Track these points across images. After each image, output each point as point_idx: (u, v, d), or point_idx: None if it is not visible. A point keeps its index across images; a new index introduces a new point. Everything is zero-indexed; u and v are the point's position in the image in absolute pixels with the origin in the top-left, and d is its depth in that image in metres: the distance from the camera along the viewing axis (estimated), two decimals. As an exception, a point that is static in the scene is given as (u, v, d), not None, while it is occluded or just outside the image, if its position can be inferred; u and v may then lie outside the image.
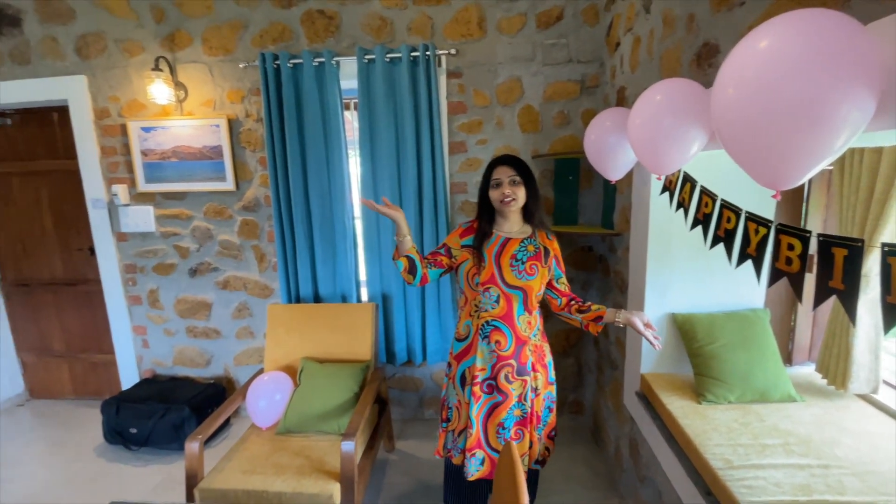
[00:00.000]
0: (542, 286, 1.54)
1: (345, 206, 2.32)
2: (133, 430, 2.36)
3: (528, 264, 1.50)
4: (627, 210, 1.92)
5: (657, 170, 1.18)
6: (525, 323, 1.52)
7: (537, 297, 1.54)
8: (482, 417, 1.54)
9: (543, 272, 1.53)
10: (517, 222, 1.57)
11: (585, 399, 2.58)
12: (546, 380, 1.60)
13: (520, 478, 1.03)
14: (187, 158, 2.44)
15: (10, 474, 2.27)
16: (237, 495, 1.59)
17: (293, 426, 1.90)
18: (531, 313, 1.54)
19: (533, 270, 1.51)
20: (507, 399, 1.51)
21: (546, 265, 1.54)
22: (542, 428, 1.61)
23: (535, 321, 1.57)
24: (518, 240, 1.53)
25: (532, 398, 1.54)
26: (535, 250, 1.53)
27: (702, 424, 1.42)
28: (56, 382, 3.00)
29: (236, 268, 2.58)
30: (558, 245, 1.62)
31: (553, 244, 1.59)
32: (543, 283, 1.54)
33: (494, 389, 1.52)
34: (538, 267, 1.51)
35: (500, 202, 1.50)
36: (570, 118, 2.27)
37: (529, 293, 1.50)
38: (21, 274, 2.86)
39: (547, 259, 1.54)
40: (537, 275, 1.51)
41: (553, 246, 1.59)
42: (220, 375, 2.73)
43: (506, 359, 1.51)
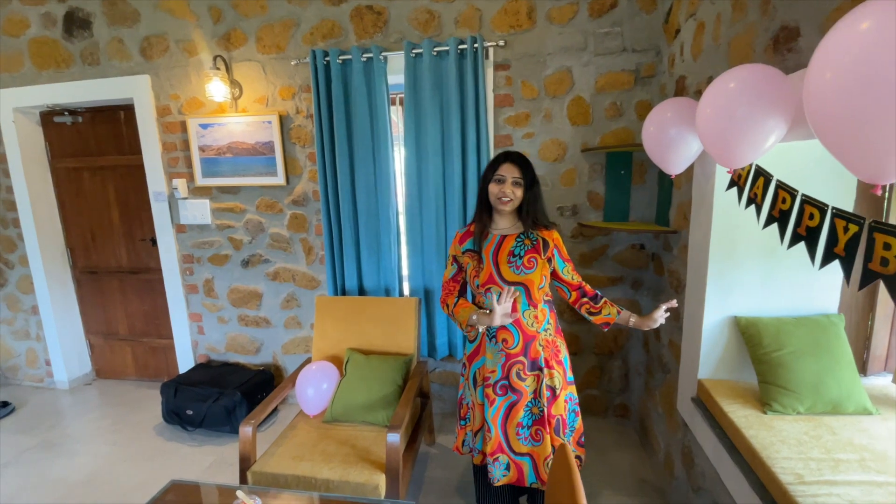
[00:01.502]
0: (542, 278, 1.51)
1: (389, 200, 2.33)
2: (189, 411, 2.49)
3: (527, 258, 1.49)
4: (686, 206, 1.82)
5: (728, 163, 1.10)
6: (531, 318, 1.51)
7: (540, 290, 1.51)
8: (500, 420, 1.53)
9: (543, 264, 1.51)
10: (511, 218, 1.56)
11: (632, 403, 2.49)
12: (564, 378, 1.55)
13: (576, 479, 1.00)
14: (241, 154, 2.53)
15: (78, 449, 2.46)
16: (287, 480, 1.64)
17: (339, 415, 1.94)
18: (536, 307, 1.51)
19: (532, 263, 1.49)
20: (522, 397, 1.51)
21: (545, 256, 1.51)
22: (570, 433, 1.56)
23: (544, 315, 1.53)
24: (514, 235, 1.53)
25: (548, 397, 1.50)
26: (532, 243, 1.51)
27: (768, 436, 1.33)
28: (120, 364, 3.21)
29: (286, 260, 2.66)
30: (559, 234, 1.58)
31: (552, 234, 1.55)
32: (545, 274, 1.52)
33: (508, 390, 1.52)
34: (537, 259, 1.49)
35: (497, 199, 1.49)
36: (622, 110, 2.18)
37: (531, 287, 1.49)
38: (90, 262, 3.07)
39: (546, 250, 1.52)
40: (536, 267, 1.49)
41: (552, 236, 1.55)
42: (269, 363, 2.84)
43: (515, 356, 1.50)
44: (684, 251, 1.83)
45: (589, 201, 2.29)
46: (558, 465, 1.09)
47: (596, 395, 2.51)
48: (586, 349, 2.45)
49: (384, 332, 2.18)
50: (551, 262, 1.55)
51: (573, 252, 2.34)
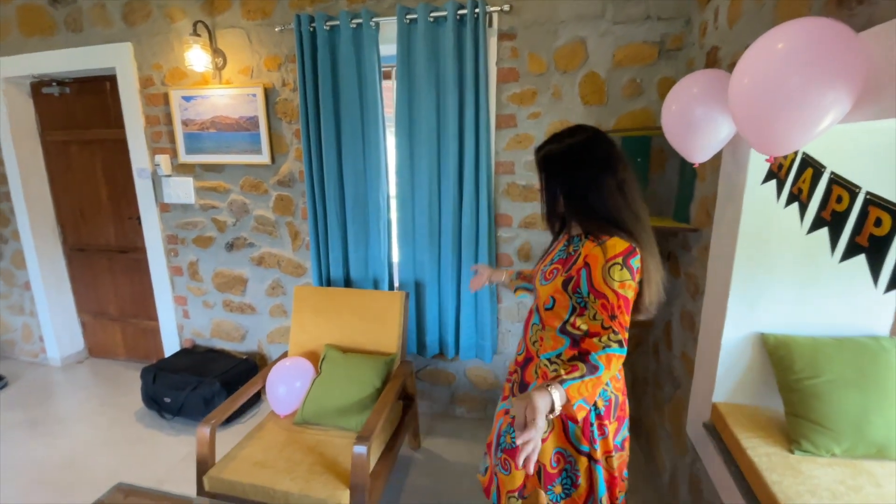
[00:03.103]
0: (550, 298, 1.15)
1: (379, 184, 2.13)
2: (167, 399, 2.39)
3: (553, 267, 1.18)
4: (710, 201, 1.56)
5: (768, 149, 0.85)
6: (536, 335, 1.22)
7: (547, 310, 1.16)
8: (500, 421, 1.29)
9: (558, 282, 1.13)
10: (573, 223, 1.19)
11: (639, 413, 2.26)
12: (560, 431, 1.16)
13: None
14: (225, 129, 2.36)
15: (60, 430, 2.39)
16: (245, 489, 1.50)
17: (310, 418, 1.79)
18: (544, 328, 1.19)
19: (551, 275, 1.16)
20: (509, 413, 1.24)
21: (566, 273, 1.11)
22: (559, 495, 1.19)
23: (553, 343, 1.16)
24: (568, 236, 1.20)
25: None
26: (569, 253, 1.15)
27: (794, 482, 1.11)
28: (111, 343, 3.15)
29: (271, 244, 2.51)
30: (611, 250, 1.03)
31: (595, 247, 1.06)
32: (557, 297, 1.14)
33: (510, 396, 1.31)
34: (558, 272, 1.14)
35: None
36: (642, 88, 1.91)
37: (540, 302, 1.20)
38: (80, 239, 2.99)
39: (572, 267, 1.10)
40: (551, 282, 1.15)
41: (593, 251, 1.06)
42: (255, 351, 2.71)
43: (517, 366, 1.30)
44: (705, 253, 1.58)
45: (600, 191, 2.04)
46: (528, 515, 0.89)
47: (599, 404, 2.29)
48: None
49: (366, 329, 2.01)
50: (573, 283, 1.10)
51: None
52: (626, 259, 1.03)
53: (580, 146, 1.11)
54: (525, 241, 2.15)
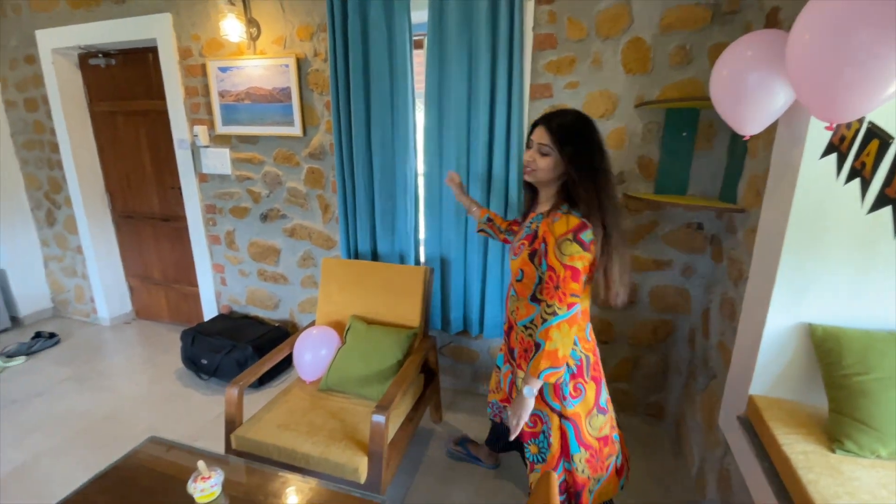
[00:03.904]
0: (519, 271, 1.30)
1: (407, 157, 2.10)
2: (204, 360, 2.51)
3: (520, 243, 1.31)
4: (761, 179, 1.44)
5: (830, 114, 0.75)
6: (514, 305, 1.37)
7: (518, 282, 1.31)
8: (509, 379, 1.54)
9: (524, 255, 1.27)
10: (546, 196, 1.31)
11: (668, 404, 2.18)
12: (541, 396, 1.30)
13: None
14: (259, 101, 2.38)
15: (105, 385, 2.58)
16: (268, 449, 1.56)
17: (334, 385, 1.83)
18: (519, 298, 1.34)
19: (519, 250, 1.30)
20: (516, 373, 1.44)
21: (531, 247, 1.26)
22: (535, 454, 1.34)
23: (527, 310, 1.32)
24: (534, 214, 1.33)
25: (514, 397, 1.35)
26: (534, 231, 1.27)
27: (833, 482, 1.03)
28: (156, 306, 3.34)
29: (303, 217, 2.54)
30: (564, 226, 1.15)
31: (551, 224, 1.18)
32: (524, 268, 1.28)
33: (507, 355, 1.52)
34: (524, 248, 1.28)
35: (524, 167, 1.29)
36: (692, 55, 1.76)
37: (512, 275, 1.36)
38: (127, 206, 3.14)
39: (535, 241, 1.25)
40: (518, 257, 1.30)
41: (549, 227, 1.18)
42: (286, 319, 2.80)
43: (505, 332, 1.48)
44: (752, 235, 1.46)
45: (639, 168, 1.93)
46: (540, 493, 0.87)
47: (626, 389, 2.22)
48: (619, 339, 2.15)
49: (390, 302, 2.01)
50: (537, 256, 1.23)
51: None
52: (577, 234, 1.14)
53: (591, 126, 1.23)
54: (556, 220, 2.08)
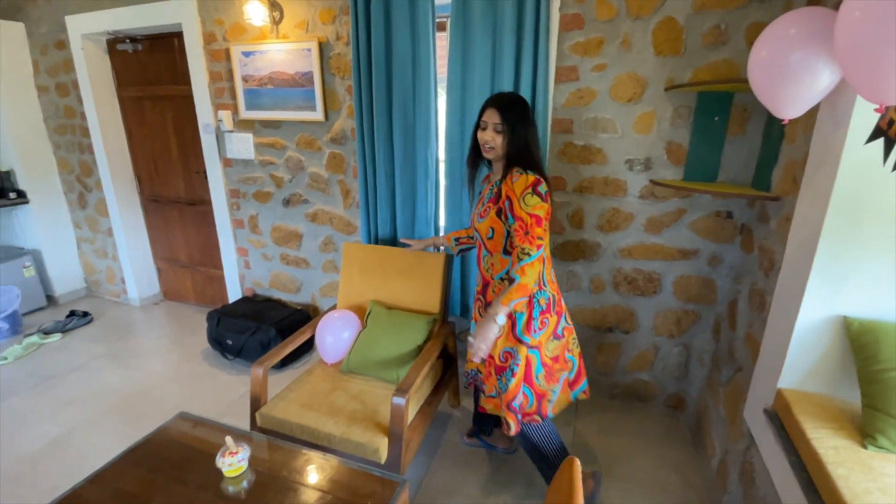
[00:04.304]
0: (489, 229, 1.48)
1: (429, 142, 2.08)
2: (229, 341, 2.58)
3: (486, 206, 1.50)
4: (798, 165, 1.38)
5: (880, 94, 0.71)
6: (488, 263, 1.56)
7: (489, 239, 1.50)
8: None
9: (492, 214, 1.46)
10: (500, 167, 1.50)
11: (689, 395, 2.15)
12: (508, 330, 1.48)
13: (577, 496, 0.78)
14: (282, 85, 2.39)
15: (136, 363, 2.68)
16: (292, 427, 1.60)
17: (355, 367, 1.86)
18: (492, 255, 1.53)
19: (485, 213, 1.49)
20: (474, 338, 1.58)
21: (496, 206, 1.45)
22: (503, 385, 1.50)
23: (501, 264, 1.51)
24: (492, 183, 1.52)
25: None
26: (497, 193, 1.45)
27: (864, 478, 1.00)
28: (182, 288, 3.44)
29: (324, 202, 2.56)
30: (523, 184, 1.36)
31: (512, 184, 1.38)
32: (494, 226, 1.46)
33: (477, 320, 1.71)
34: (490, 209, 1.47)
35: (482, 146, 1.46)
36: (727, 35, 1.68)
37: (481, 236, 1.52)
38: (154, 190, 3.22)
39: (499, 200, 1.43)
40: (486, 217, 1.48)
41: (510, 186, 1.38)
42: (308, 303, 2.85)
43: (478, 293, 1.66)
44: (786, 224, 1.41)
45: (667, 154, 1.87)
46: (560, 483, 0.87)
47: (646, 379, 2.20)
48: (642, 328, 2.12)
49: (410, 288, 2.02)
50: (503, 213, 1.43)
51: (640, 214, 1.96)
52: (535, 188, 1.35)
53: (527, 104, 1.45)
54: (578, 208, 2.04)
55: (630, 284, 2.07)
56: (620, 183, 1.94)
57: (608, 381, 2.26)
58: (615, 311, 2.13)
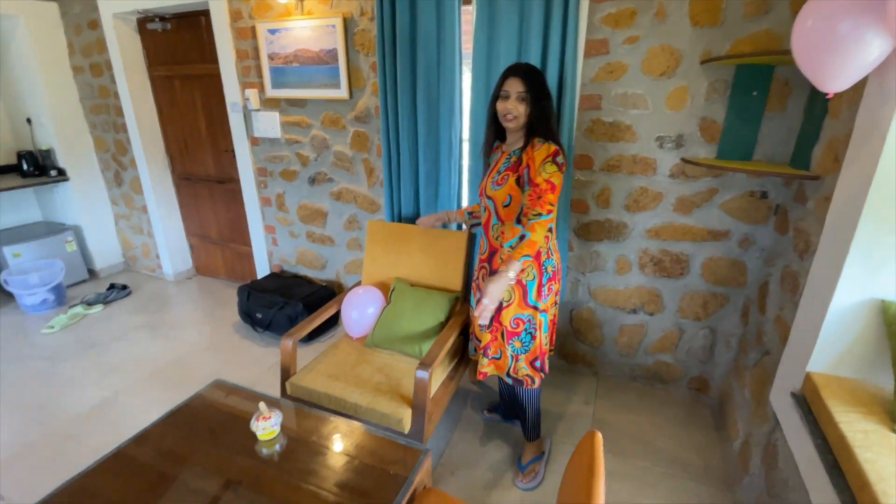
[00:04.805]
0: (507, 196, 1.49)
1: (453, 120, 2.07)
2: (259, 315, 2.68)
3: (503, 174, 1.49)
4: (841, 143, 1.32)
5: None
6: (498, 232, 1.57)
7: (505, 207, 1.51)
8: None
9: (511, 182, 1.47)
10: (517, 137, 1.51)
11: (713, 378, 2.13)
12: (521, 299, 1.53)
13: (597, 473, 0.80)
14: (307, 63, 2.40)
15: (172, 334, 2.82)
16: (320, 396, 1.67)
17: (379, 342, 1.91)
18: (503, 223, 1.54)
19: (503, 180, 1.49)
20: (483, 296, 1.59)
21: (516, 174, 1.46)
22: (519, 348, 1.59)
23: (512, 233, 1.51)
24: (508, 152, 1.52)
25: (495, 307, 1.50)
26: (515, 161, 1.47)
27: (891, 463, 0.98)
28: (214, 264, 3.56)
29: (349, 180, 2.59)
30: (544, 153, 1.39)
31: (533, 152, 1.41)
32: (512, 193, 1.48)
33: (478, 288, 1.74)
34: (509, 177, 1.48)
35: (502, 116, 1.46)
36: (769, 5, 1.59)
37: (497, 203, 1.52)
38: (185, 168, 3.31)
39: (519, 168, 1.45)
40: (504, 185, 1.48)
41: (531, 154, 1.42)
42: (333, 280, 2.92)
43: (483, 262, 1.68)
44: (824, 204, 1.36)
45: (701, 131, 1.81)
46: (582, 453, 0.89)
47: (669, 362, 2.18)
48: (667, 310, 2.10)
49: (433, 265, 2.04)
50: (521, 180, 1.45)
51: (669, 193, 1.91)
52: (554, 157, 1.39)
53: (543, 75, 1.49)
54: (605, 187, 2.00)
55: (656, 266, 2.04)
56: (650, 161, 1.89)
57: (630, 362, 2.26)
58: (640, 292, 2.11)
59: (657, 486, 1.71)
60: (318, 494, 1.16)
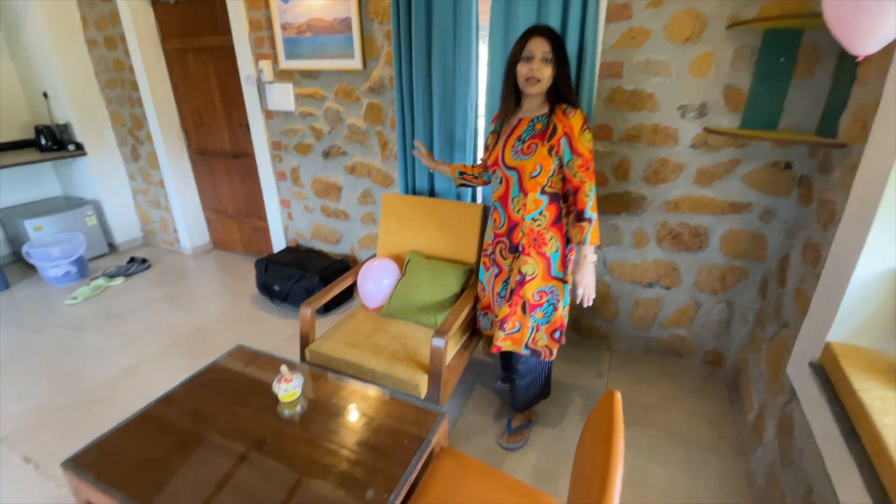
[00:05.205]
0: (537, 167, 1.42)
1: (468, 90, 2.04)
2: (276, 287, 2.73)
3: (528, 143, 1.43)
4: (869, 109, 1.27)
5: None
6: (519, 204, 1.50)
7: (532, 178, 1.44)
8: (491, 284, 1.71)
9: (542, 151, 1.40)
10: (538, 102, 1.46)
11: (728, 352, 2.13)
12: (545, 271, 1.52)
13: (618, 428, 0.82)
14: (320, 32, 2.37)
15: (192, 305, 2.88)
16: (338, 363, 1.71)
17: (395, 312, 1.94)
18: (527, 195, 1.47)
19: (530, 150, 1.42)
20: (501, 273, 1.64)
21: (549, 143, 1.40)
22: (540, 319, 1.58)
23: (536, 205, 1.48)
24: (528, 119, 1.46)
25: (517, 280, 1.54)
26: (541, 128, 1.42)
27: (913, 430, 0.98)
28: (230, 238, 3.61)
29: (363, 154, 2.59)
30: (581, 120, 1.37)
31: (568, 120, 1.37)
32: (543, 163, 1.42)
33: (494, 263, 1.67)
34: (537, 146, 1.41)
35: (524, 80, 1.38)
36: (803, -36, 1.52)
37: (522, 174, 1.45)
38: (200, 143, 3.33)
39: (552, 137, 1.39)
40: (533, 154, 1.41)
41: (567, 122, 1.37)
42: (347, 254, 2.94)
43: (500, 236, 1.61)
44: (851, 174, 1.32)
45: (725, 99, 1.76)
46: (601, 412, 0.90)
47: (684, 335, 2.18)
48: (683, 284, 2.08)
49: (447, 238, 2.05)
50: (555, 150, 1.40)
51: (690, 164, 1.88)
52: (588, 125, 1.39)
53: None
54: (624, 158, 1.97)
55: (674, 239, 2.02)
56: (671, 131, 1.85)
57: (644, 335, 2.26)
58: (657, 265, 2.10)
59: (670, 455, 1.73)
60: (339, 452, 1.20)
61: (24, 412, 2.00)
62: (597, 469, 0.77)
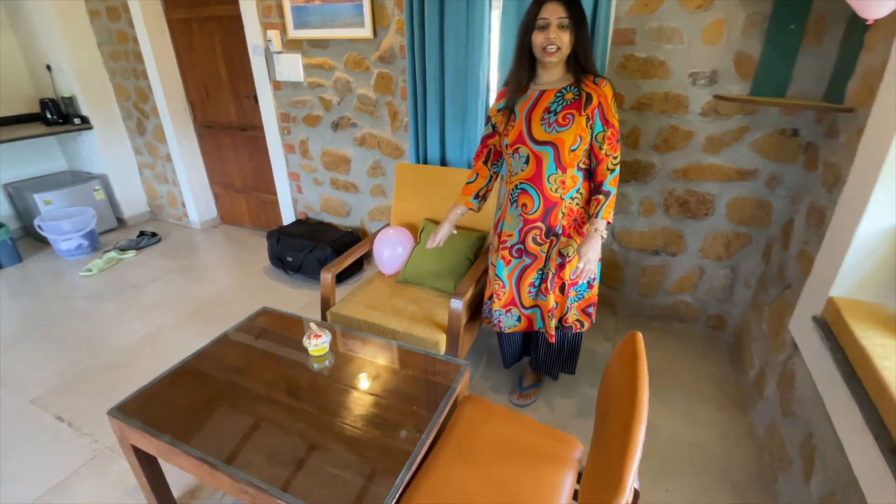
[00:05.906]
0: (577, 138, 1.35)
1: (481, 58, 2.05)
2: (289, 258, 2.78)
3: (563, 114, 1.35)
4: (876, 74, 1.32)
5: None
6: (557, 182, 1.41)
7: (572, 152, 1.36)
8: (514, 279, 1.60)
9: (581, 122, 1.34)
10: (558, 73, 1.38)
11: (731, 316, 2.21)
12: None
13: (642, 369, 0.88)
14: (329, 0, 2.36)
15: (206, 276, 2.94)
16: (359, 324, 1.78)
17: (411, 278, 2.00)
18: (565, 172, 1.40)
19: (566, 121, 1.34)
20: (536, 260, 1.54)
21: (585, 113, 1.34)
22: (574, 297, 1.57)
23: (574, 182, 1.42)
24: (555, 90, 1.37)
25: (558, 263, 1.51)
26: (573, 98, 1.35)
27: (909, 371, 1.06)
28: (238, 212, 3.64)
29: (372, 125, 2.60)
30: (611, 90, 1.35)
31: (601, 89, 1.34)
32: (582, 134, 1.35)
33: (523, 253, 1.55)
34: (574, 116, 1.34)
35: (542, 49, 1.31)
36: (818, -72, 1.54)
37: (561, 147, 1.36)
38: (206, 116, 3.32)
39: (588, 106, 1.33)
40: (572, 125, 1.34)
41: (601, 91, 1.34)
42: (357, 227, 2.98)
43: (532, 221, 1.48)
44: (856, 137, 1.37)
45: (735, 67, 1.79)
46: (625, 349, 0.97)
47: (688, 301, 2.26)
48: (689, 251, 2.15)
49: (462, 205, 2.09)
50: (590, 120, 1.35)
51: (700, 132, 1.92)
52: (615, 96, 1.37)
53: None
54: (634, 126, 2.01)
55: (681, 207, 2.07)
56: (682, 99, 1.89)
57: (650, 302, 2.34)
58: (663, 233, 2.16)
59: (674, 409, 1.83)
60: (370, 399, 1.27)
61: (52, 375, 2.06)
62: (625, 390, 0.84)
